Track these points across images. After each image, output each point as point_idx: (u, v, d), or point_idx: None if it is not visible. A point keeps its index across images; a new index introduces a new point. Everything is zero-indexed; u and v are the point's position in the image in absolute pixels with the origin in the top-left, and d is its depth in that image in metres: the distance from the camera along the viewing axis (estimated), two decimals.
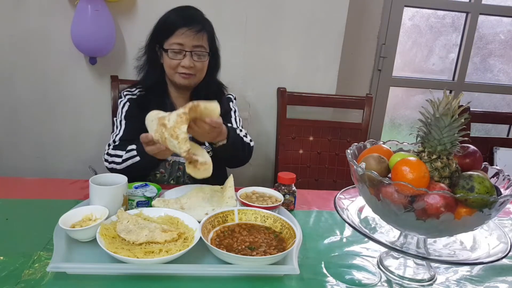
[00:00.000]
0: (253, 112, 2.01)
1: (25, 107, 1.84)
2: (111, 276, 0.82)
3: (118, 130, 1.39)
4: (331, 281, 0.88)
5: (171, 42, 1.33)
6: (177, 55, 1.34)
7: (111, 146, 1.34)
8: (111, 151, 1.32)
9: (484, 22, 2.37)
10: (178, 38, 1.32)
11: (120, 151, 1.29)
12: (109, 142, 1.37)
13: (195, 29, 1.32)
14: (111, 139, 1.38)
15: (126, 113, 1.41)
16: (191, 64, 1.34)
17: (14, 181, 1.27)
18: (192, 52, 1.33)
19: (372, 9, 2.19)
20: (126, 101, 1.43)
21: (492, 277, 0.94)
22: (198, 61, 1.35)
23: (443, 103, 0.82)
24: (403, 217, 0.80)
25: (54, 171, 1.92)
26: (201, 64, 1.37)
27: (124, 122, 1.40)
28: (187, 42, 1.32)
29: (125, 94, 1.45)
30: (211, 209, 1.04)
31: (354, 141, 1.19)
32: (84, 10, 1.62)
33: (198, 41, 1.33)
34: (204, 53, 1.36)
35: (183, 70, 1.35)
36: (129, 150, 1.26)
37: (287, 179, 1.17)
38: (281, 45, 1.93)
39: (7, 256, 0.86)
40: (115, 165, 1.29)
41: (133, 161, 1.25)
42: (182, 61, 1.34)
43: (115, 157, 1.30)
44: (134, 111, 1.40)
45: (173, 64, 1.35)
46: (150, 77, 1.43)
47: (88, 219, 0.95)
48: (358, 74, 2.29)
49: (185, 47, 1.33)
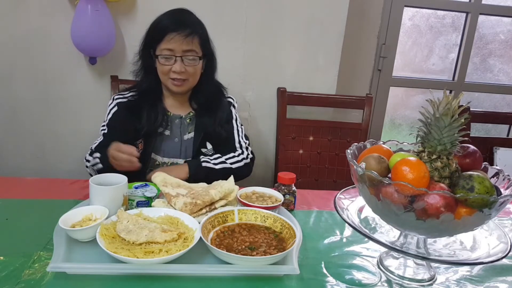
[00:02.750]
0: (253, 112, 2.01)
1: (25, 107, 1.84)
2: (111, 276, 0.82)
3: (100, 136, 1.41)
4: (331, 281, 0.88)
5: (161, 47, 1.33)
6: (168, 60, 1.33)
7: (88, 152, 1.37)
8: (87, 157, 1.36)
9: (484, 22, 2.37)
10: (168, 43, 1.31)
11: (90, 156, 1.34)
12: (91, 147, 1.39)
13: (184, 33, 1.31)
14: (94, 144, 1.40)
15: (109, 120, 1.42)
16: (182, 69, 1.33)
17: (14, 181, 1.27)
18: (183, 57, 1.33)
19: (372, 9, 2.19)
20: (114, 106, 1.43)
21: (492, 277, 0.94)
22: (189, 65, 1.34)
23: (443, 103, 0.82)
24: (403, 217, 0.80)
25: (54, 171, 1.92)
26: (193, 69, 1.36)
27: (106, 129, 1.41)
28: (176, 47, 1.31)
29: (115, 97, 1.45)
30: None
31: (354, 141, 1.19)
32: (84, 10, 1.62)
33: (188, 46, 1.32)
34: (195, 57, 1.35)
35: (175, 76, 1.34)
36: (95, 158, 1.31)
37: (287, 179, 1.17)
38: (281, 45, 1.93)
39: (7, 256, 0.86)
40: (90, 171, 1.34)
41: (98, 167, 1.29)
42: (173, 66, 1.33)
43: (86, 161, 1.36)
44: (120, 114, 1.40)
45: (165, 69, 1.34)
46: (144, 82, 1.43)
47: (88, 219, 0.95)
48: (358, 74, 2.29)
49: (175, 52, 1.32)
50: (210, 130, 1.43)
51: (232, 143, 1.47)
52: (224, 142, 1.45)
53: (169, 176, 1.13)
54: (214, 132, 1.43)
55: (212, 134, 1.43)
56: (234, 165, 1.39)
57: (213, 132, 1.43)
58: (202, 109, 1.45)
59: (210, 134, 1.43)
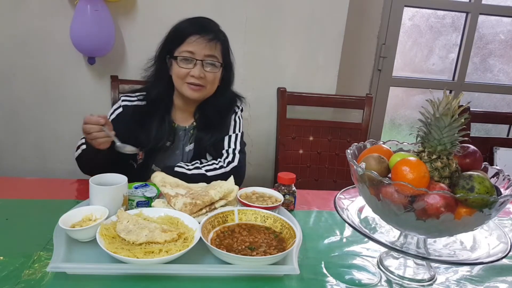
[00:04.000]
0: (253, 112, 2.01)
1: (25, 107, 1.84)
2: (111, 276, 0.82)
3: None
4: (331, 281, 0.88)
5: (181, 49, 1.27)
6: (187, 63, 1.26)
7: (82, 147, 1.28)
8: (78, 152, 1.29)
9: (484, 22, 2.37)
10: (189, 45, 1.25)
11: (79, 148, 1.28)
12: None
13: (208, 37, 1.26)
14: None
15: (116, 116, 1.35)
16: (201, 74, 1.27)
17: (14, 181, 1.27)
18: (203, 62, 1.26)
19: (372, 9, 2.19)
20: (120, 107, 1.36)
21: (492, 277, 0.94)
22: (209, 71, 1.28)
23: (443, 103, 0.82)
24: (403, 217, 0.80)
25: (54, 171, 1.92)
26: (213, 76, 1.29)
27: None
28: (198, 50, 1.25)
29: (122, 99, 1.38)
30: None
31: (354, 141, 1.19)
32: (83, 10, 1.62)
33: (211, 51, 1.27)
34: (216, 63, 1.29)
35: (192, 80, 1.27)
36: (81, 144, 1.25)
37: (287, 179, 1.17)
38: (281, 45, 1.93)
39: (7, 256, 0.86)
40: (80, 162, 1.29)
41: (83, 151, 1.24)
42: (191, 70, 1.26)
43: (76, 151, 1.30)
44: (125, 117, 1.34)
45: (182, 73, 1.27)
46: (155, 89, 1.35)
47: (88, 219, 0.95)
48: (358, 74, 2.29)
49: (196, 56, 1.26)
50: (206, 145, 1.37)
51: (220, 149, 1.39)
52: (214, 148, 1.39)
53: (168, 176, 1.13)
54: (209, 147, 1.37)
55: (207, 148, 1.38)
56: (209, 172, 1.28)
57: (208, 147, 1.37)
58: (203, 123, 1.39)
59: (205, 148, 1.38)
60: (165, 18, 1.53)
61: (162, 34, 1.35)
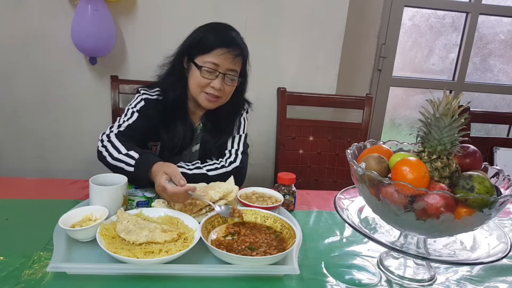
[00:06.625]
0: (253, 112, 2.01)
1: (25, 107, 1.84)
2: (111, 276, 0.82)
3: (128, 118, 1.28)
4: (331, 281, 0.88)
5: (206, 60, 1.25)
6: (210, 74, 1.26)
7: (115, 132, 1.23)
8: (113, 138, 1.20)
9: (484, 22, 2.37)
10: (215, 57, 1.25)
11: (122, 146, 1.17)
12: (113, 125, 1.26)
13: (234, 52, 1.26)
14: (117, 122, 1.27)
15: (140, 108, 1.32)
16: (222, 87, 1.27)
17: (14, 181, 1.27)
18: (225, 75, 1.27)
19: (372, 9, 2.19)
20: (142, 99, 1.34)
21: (492, 277, 0.94)
22: (228, 84, 1.29)
23: (443, 103, 0.82)
24: (403, 217, 0.80)
25: (54, 171, 1.92)
26: (230, 89, 1.31)
27: (136, 114, 1.30)
28: (223, 63, 1.25)
29: (142, 92, 1.35)
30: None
31: (354, 141, 1.19)
32: (84, 10, 1.62)
33: (234, 65, 1.28)
34: (235, 77, 1.30)
35: (211, 91, 1.27)
36: (129, 156, 1.15)
37: (287, 179, 1.17)
38: (281, 45, 1.93)
39: (7, 256, 0.86)
40: (107, 155, 1.17)
41: (124, 167, 1.14)
42: (212, 81, 1.26)
43: (113, 148, 1.18)
44: (149, 111, 1.32)
45: (203, 82, 1.27)
46: (174, 91, 1.33)
47: (88, 219, 0.95)
48: (358, 74, 2.29)
49: (220, 68, 1.26)
50: (211, 147, 1.38)
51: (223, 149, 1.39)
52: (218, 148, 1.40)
53: None
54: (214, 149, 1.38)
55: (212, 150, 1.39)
56: (211, 172, 1.27)
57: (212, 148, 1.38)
58: (211, 126, 1.39)
59: (211, 150, 1.39)
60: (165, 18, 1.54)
61: (162, 34, 1.34)
